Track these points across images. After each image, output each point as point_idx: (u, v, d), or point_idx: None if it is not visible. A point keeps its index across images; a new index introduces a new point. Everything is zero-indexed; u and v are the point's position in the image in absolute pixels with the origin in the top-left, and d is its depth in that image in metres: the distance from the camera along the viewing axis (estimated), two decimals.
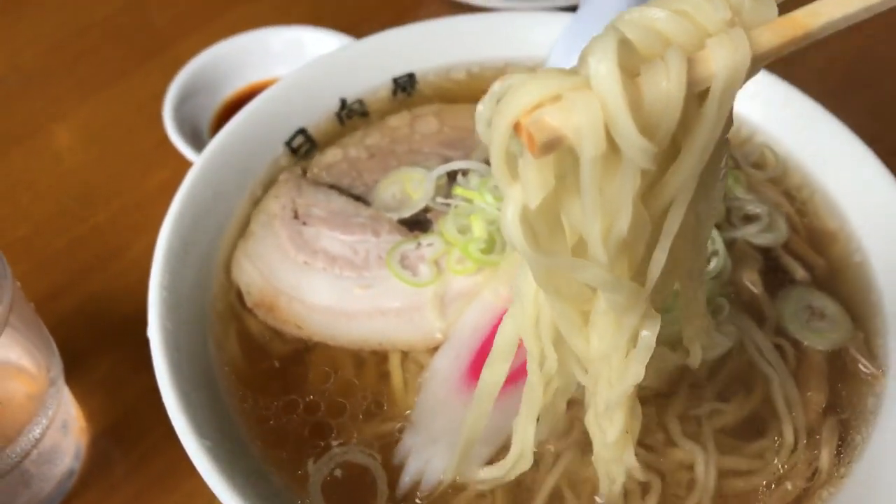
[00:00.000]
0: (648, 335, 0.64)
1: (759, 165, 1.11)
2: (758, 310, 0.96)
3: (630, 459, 0.75)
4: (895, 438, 0.85)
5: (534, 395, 0.73)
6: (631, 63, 0.50)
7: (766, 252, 1.02)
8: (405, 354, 0.92)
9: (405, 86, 1.19)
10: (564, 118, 0.49)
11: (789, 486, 0.84)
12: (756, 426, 0.88)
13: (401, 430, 0.87)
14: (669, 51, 0.50)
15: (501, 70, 1.22)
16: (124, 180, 1.39)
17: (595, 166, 0.52)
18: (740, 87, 0.53)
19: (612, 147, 0.51)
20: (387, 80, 1.18)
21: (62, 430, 1.02)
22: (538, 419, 0.74)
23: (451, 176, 1.03)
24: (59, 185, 1.38)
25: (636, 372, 0.65)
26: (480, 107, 0.55)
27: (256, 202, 1.04)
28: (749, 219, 1.03)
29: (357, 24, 1.55)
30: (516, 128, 0.50)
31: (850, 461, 0.85)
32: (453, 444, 0.82)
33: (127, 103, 1.52)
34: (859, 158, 1.03)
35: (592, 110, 0.49)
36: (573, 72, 0.51)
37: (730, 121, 0.57)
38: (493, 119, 0.52)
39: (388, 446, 0.86)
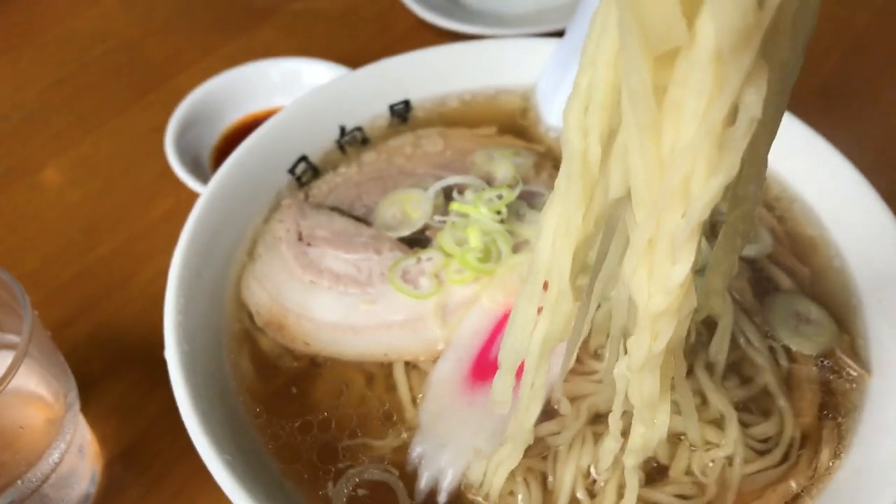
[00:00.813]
0: (754, 102, 0.49)
1: None
2: (747, 318, 1.00)
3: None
4: (879, 433, 0.89)
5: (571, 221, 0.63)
6: None
7: (752, 263, 1.06)
8: (410, 365, 0.96)
9: (401, 113, 1.24)
10: None
11: (793, 484, 0.88)
12: (761, 409, 0.93)
13: (409, 439, 0.90)
14: None
15: (493, 97, 1.27)
16: (128, 211, 1.43)
17: None
18: None
19: None
20: (383, 108, 1.23)
21: (79, 453, 1.05)
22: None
23: (447, 196, 1.08)
24: (64, 218, 1.42)
25: (733, 162, 0.51)
26: None
27: (262, 227, 1.08)
28: None
29: (349, 54, 1.60)
30: None
31: (843, 453, 0.89)
32: (459, 448, 0.87)
33: (127, 136, 1.56)
34: (834, 166, 1.08)
35: None
36: None
37: None
38: None
39: (402, 457, 0.90)
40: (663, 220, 0.55)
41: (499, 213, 1.01)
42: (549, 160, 1.17)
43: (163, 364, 1.20)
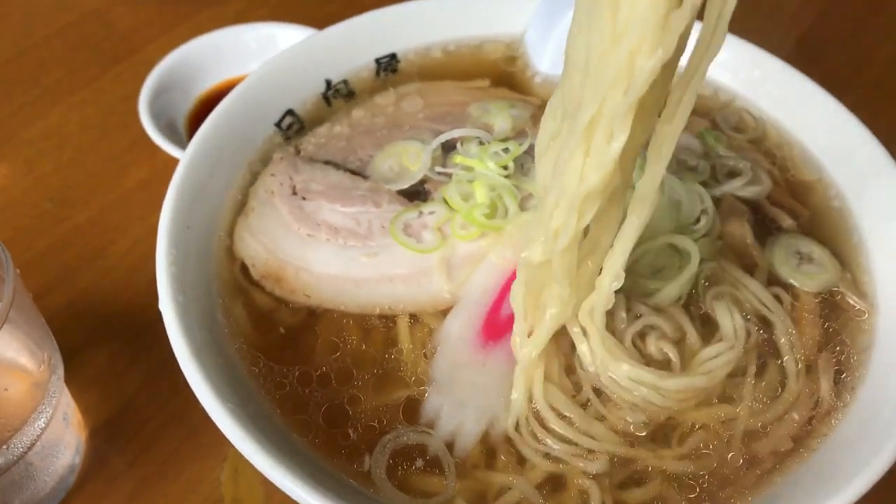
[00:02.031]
0: None
1: (739, 129, 1.16)
2: (750, 258, 0.99)
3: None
4: (890, 367, 0.89)
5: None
6: None
7: (752, 205, 1.05)
8: (413, 318, 0.93)
9: (388, 65, 1.21)
10: None
11: (795, 416, 0.87)
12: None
13: (419, 397, 0.87)
14: None
15: (478, 48, 1.25)
16: (101, 181, 1.38)
17: None
18: None
19: None
20: (369, 61, 1.20)
21: (63, 421, 1.01)
22: None
23: (445, 148, 1.05)
24: (34, 190, 1.37)
25: (670, 43, 0.61)
26: None
27: (251, 181, 1.05)
28: (733, 174, 1.07)
29: (323, 22, 1.56)
30: None
31: (854, 388, 0.88)
32: (480, 409, 0.85)
33: (98, 107, 1.51)
34: (830, 109, 1.08)
35: None
36: None
37: None
38: None
39: (408, 409, 0.87)
40: (608, 97, 0.64)
41: (505, 167, 0.98)
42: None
43: (145, 332, 1.16)
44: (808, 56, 1.62)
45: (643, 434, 0.86)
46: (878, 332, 0.92)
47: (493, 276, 0.92)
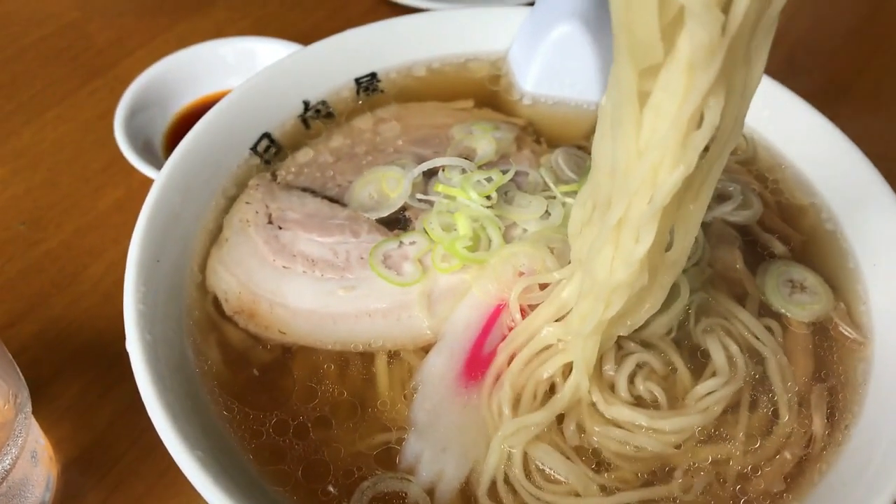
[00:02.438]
0: (714, 112, 0.62)
1: None
2: (740, 286, 0.96)
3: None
4: (886, 403, 0.86)
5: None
6: None
7: (742, 229, 1.02)
8: (392, 355, 0.90)
9: (368, 85, 1.18)
10: None
11: (788, 455, 0.84)
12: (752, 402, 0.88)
13: (399, 441, 0.84)
14: None
15: (462, 66, 1.22)
16: (76, 202, 1.34)
17: None
18: None
19: None
20: (349, 81, 1.17)
21: (32, 460, 0.97)
22: None
23: (427, 173, 1.01)
24: (7, 211, 1.33)
25: (690, 161, 0.65)
26: None
27: (225, 208, 1.01)
28: (723, 197, 1.04)
29: (305, 34, 1.53)
30: None
31: (847, 426, 0.85)
32: (462, 454, 0.82)
33: (72, 124, 1.48)
34: (822, 131, 1.05)
35: None
36: None
37: None
38: None
39: (387, 454, 0.84)
40: (633, 203, 0.69)
41: (488, 197, 0.95)
42: (529, 134, 1.11)
43: (118, 362, 1.11)
44: (799, 68, 1.59)
45: (636, 484, 0.83)
46: (873, 364, 0.89)
47: (476, 311, 0.89)
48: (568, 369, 0.85)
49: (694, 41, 0.59)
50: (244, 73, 1.42)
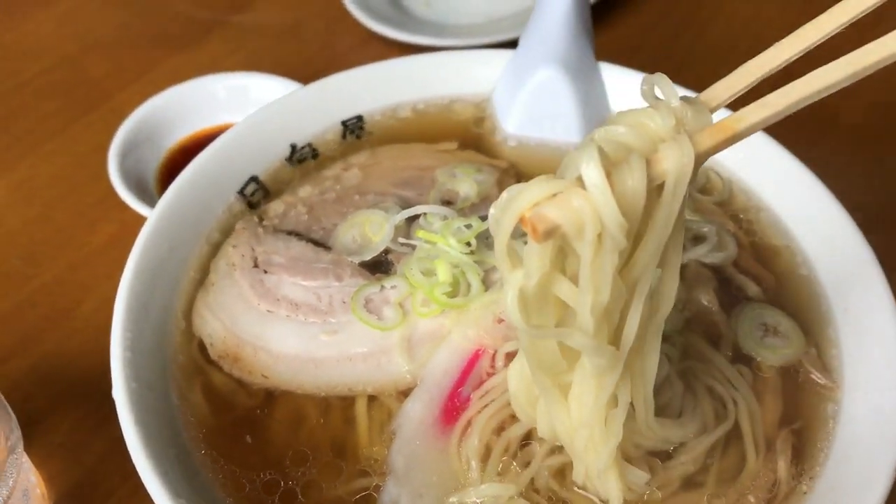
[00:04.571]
0: (625, 394, 0.75)
1: (705, 190, 1.15)
2: (715, 328, 0.98)
3: None
4: (853, 452, 0.87)
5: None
6: (606, 166, 0.62)
7: (717, 271, 1.04)
8: (372, 399, 0.92)
9: (354, 128, 1.20)
10: (560, 211, 0.62)
11: (752, 499, 0.86)
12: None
13: (377, 489, 0.86)
14: (632, 156, 0.63)
15: (447, 107, 1.24)
16: (70, 237, 1.37)
17: (591, 246, 0.64)
18: (689, 180, 0.65)
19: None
20: (336, 124, 1.19)
21: (23, 498, 0.99)
22: None
23: (410, 217, 1.03)
24: (2, 246, 1.35)
25: (617, 431, 0.76)
26: (493, 210, 0.68)
27: (213, 252, 1.04)
28: (698, 239, 1.06)
29: (297, 68, 1.57)
30: (522, 221, 0.63)
31: (812, 477, 0.87)
32: (438, 499, 0.84)
33: (67, 158, 1.50)
34: (798, 176, 1.07)
35: (586, 201, 0.62)
36: (559, 178, 0.65)
37: (683, 207, 0.68)
38: (500, 217, 0.66)
39: (365, 501, 0.85)
40: (586, 461, 0.80)
41: (468, 244, 0.97)
42: (511, 176, 1.14)
43: (110, 398, 1.14)
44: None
45: None
46: (841, 410, 0.91)
47: (455, 356, 0.91)
48: None
49: (593, 363, 0.72)
50: (236, 108, 1.46)
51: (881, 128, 1.55)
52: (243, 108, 1.44)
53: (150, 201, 1.30)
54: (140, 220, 1.25)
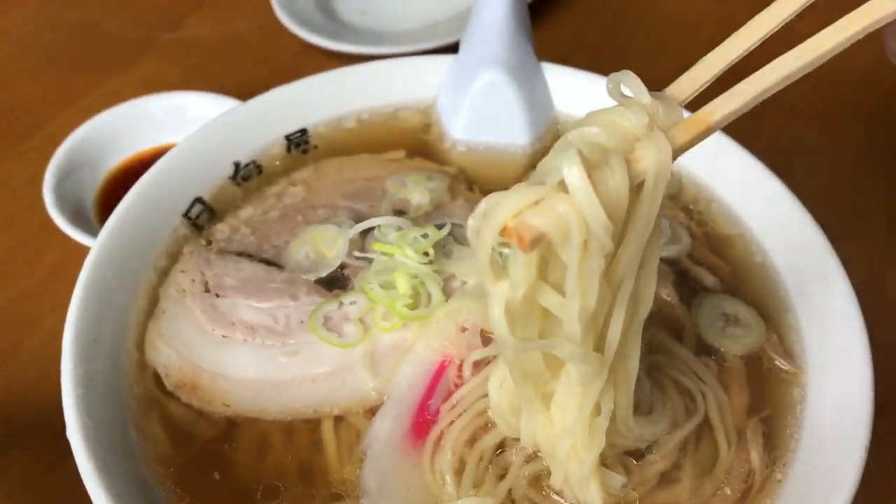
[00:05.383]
0: (608, 401, 0.74)
1: None
2: (677, 322, 0.98)
3: None
4: (822, 435, 0.88)
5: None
6: (586, 169, 0.61)
7: (673, 264, 1.04)
8: (339, 420, 0.90)
9: (298, 142, 1.18)
10: (544, 218, 0.61)
11: (728, 490, 0.86)
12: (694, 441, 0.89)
13: None
14: (611, 156, 0.62)
15: (392, 115, 1.23)
16: (9, 270, 1.32)
17: (578, 251, 0.62)
18: (668, 177, 0.65)
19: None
20: (279, 139, 1.17)
21: None
22: None
23: (363, 230, 1.02)
24: None
25: (600, 439, 0.75)
26: (471, 221, 0.65)
27: (162, 279, 1.00)
28: None
29: (235, 83, 1.54)
30: (504, 232, 0.61)
31: (785, 464, 0.87)
32: None
33: (3, 189, 1.45)
34: (745, 164, 1.08)
35: (571, 206, 0.61)
36: (538, 184, 0.63)
37: (661, 204, 0.67)
38: (480, 228, 0.63)
39: None
40: (567, 469, 0.79)
41: (426, 253, 0.95)
42: (462, 182, 1.13)
43: (64, 435, 1.11)
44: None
45: None
46: (808, 394, 0.92)
47: (420, 368, 0.90)
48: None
49: (579, 371, 0.71)
50: (176, 128, 1.42)
51: (819, 107, 1.58)
52: (182, 128, 1.41)
53: (91, 229, 1.26)
54: (82, 249, 1.22)
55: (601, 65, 1.15)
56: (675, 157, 0.65)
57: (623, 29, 1.81)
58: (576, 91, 1.21)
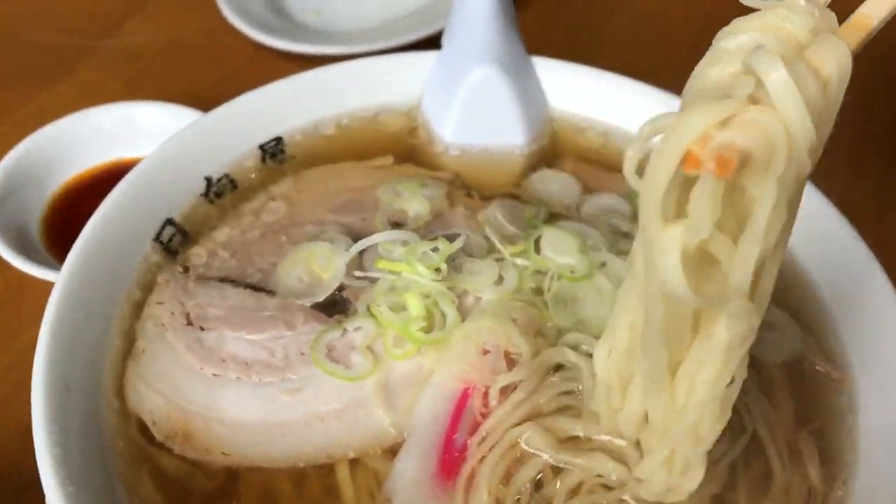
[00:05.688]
0: (743, 367, 0.65)
1: None
2: None
3: None
4: (881, 447, 0.81)
5: None
6: None
7: None
8: (354, 463, 0.80)
9: (274, 151, 1.07)
10: (748, 133, 0.52)
11: None
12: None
13: None
14: (798, 61, 0.53)
15: (374, 119, 1.13)
16: None
17: (776, 177, 0.53)
18: (846, 83, 0.56)
19: None
20: (253, 149, 1.06)
21: None
22: None
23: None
24: None
25: (727, 414, 0.67)
26: (629, 152, 0.55)
27: (136, 313, 0.89)
28: None
29: (184, 90, 1.43)
30: (687, 160, 0.51)
31: (845, 480, 0.81)
32: None
33: None
34: None
35: (776, 119, 0.52)
36: (725, 97, 0.53)
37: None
38: (652, 160, 0.54)
39: None
40: (678, 448, 0.70)
41: (437, 269, 0.86)
42: (459, 188, 1.04)
43: (28, 489, 0.97)
44: None
45: None
46: (857, 402, 0.85)
47: (442, 399, 0.80)
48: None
49: (733, 333, 0.60)
50: (126, 140, 1.31)
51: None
52: (134, 141, 1.31)
53: (37, 255, 1.14)
54: (25, 278, 1.09)
55: (573, 55, 1.08)
56: None
57: (594, 18, 1.75)
58: (570, 86, 1.13)
